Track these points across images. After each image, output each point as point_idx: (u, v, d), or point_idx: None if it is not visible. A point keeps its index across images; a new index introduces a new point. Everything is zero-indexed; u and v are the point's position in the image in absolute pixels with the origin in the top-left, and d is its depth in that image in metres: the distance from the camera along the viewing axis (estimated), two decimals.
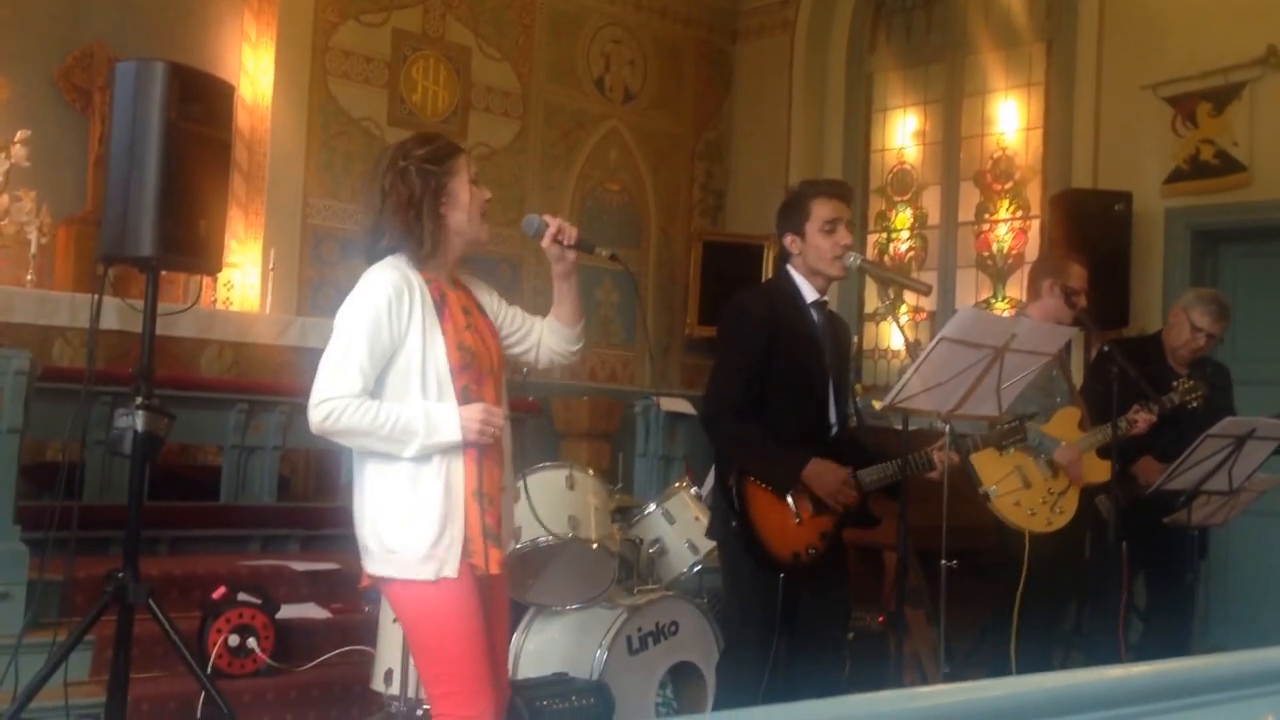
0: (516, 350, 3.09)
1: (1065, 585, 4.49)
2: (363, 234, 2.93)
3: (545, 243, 2.96)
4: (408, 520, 2.71)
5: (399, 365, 2.75)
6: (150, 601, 3.39)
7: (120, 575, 3.38)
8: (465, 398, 2.78)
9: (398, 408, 2.70)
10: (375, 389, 2.74)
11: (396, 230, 2.81)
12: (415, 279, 2.79)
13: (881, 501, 3.60)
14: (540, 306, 3.18)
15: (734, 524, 3.48)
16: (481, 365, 2.87)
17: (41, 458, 5.43)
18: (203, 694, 3.96)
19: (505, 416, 2.85)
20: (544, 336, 3.10)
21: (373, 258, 2.85)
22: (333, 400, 2.68)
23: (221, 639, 4.33)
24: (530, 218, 3.00)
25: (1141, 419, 4.41)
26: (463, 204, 2.87)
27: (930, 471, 3.49)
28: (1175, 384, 4.58)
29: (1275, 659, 1.15)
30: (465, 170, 2.89)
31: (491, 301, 3.04)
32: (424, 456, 2.71)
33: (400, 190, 2.81)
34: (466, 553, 2.74)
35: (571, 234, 2.98)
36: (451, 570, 2.71)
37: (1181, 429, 4.51)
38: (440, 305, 2.82)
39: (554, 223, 2.96)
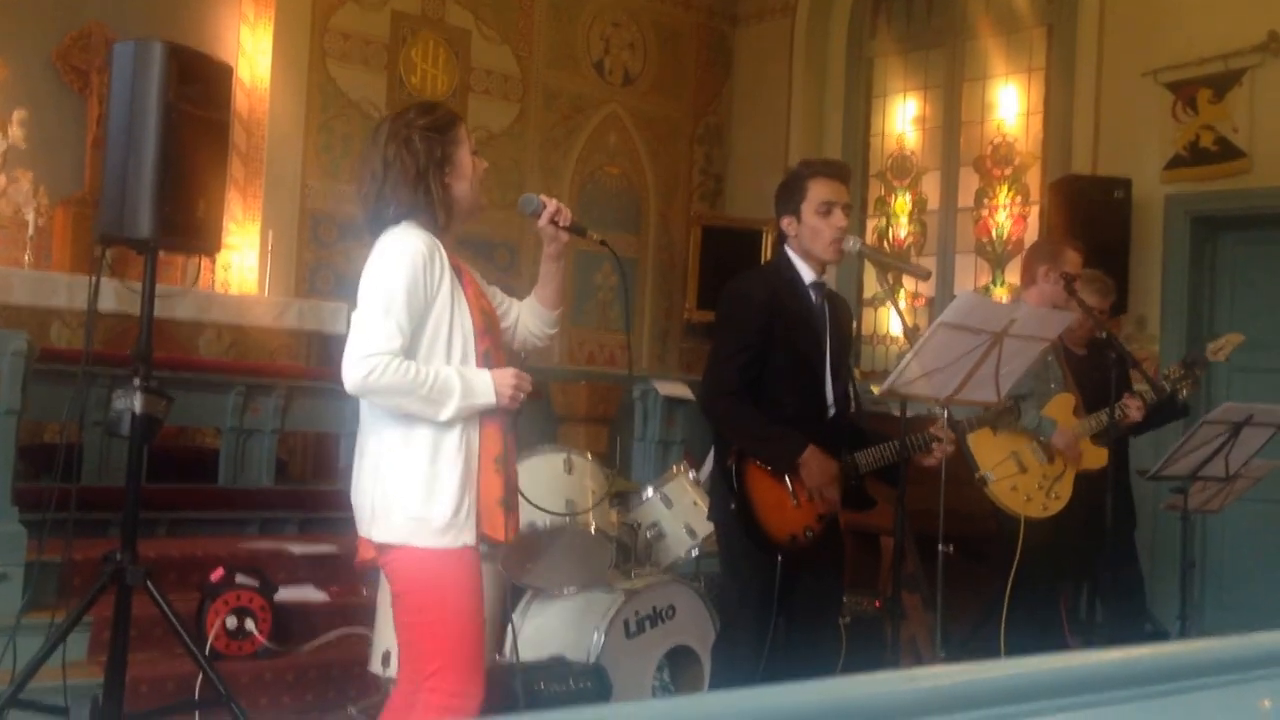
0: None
1: (1062, 571, 4.51)
2: (363, 204, 2.88)
3: (541, 222, 2.97)
4: (432, 488, 2.69)
5: (428, 327, 2.74)
6: (148, 583, 3.39)
7: (118, 556, 3.38)
8: (487, 361, 2.80)
9: (434, 368, 2.69)
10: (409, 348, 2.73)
11: (404, 201, 2.79)
12: (438, 244, 2.79)
13: (878, 485, 3.61)
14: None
15: (732, 506, 3.49)
16: (497, 331, 2.90)
17: (39, 439, 5.43)
18: (200, 675, 3.97)
19: None
20: (522, 316, 3.10)
21: (376, 229, 2.82)
22: (375, 356, 2.64)
23: (219, 621, 4.34)
24: (528, 196, 3.01)
25: (1134, 406, 4.43)
26: (466, 173, 2.87)
27: (926, 458, 3.48)
28: (1165, 372, 4.62)
29: (1272, 643, 1.15)
30: (466, 139, 2.90)
31: (477, 275, 3.05)
32: (449, 424, 2.70)
33: (405, 159, 2.79)
34: (482, 522, 2.75)
35: (567, 216, 3.00)
36: (470, 538, 2.72)
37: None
38: (458, 271, 2.83)
39: (551, 203, 2.97)
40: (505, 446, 2.81)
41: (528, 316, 3.10)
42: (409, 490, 2.70)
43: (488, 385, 2.72)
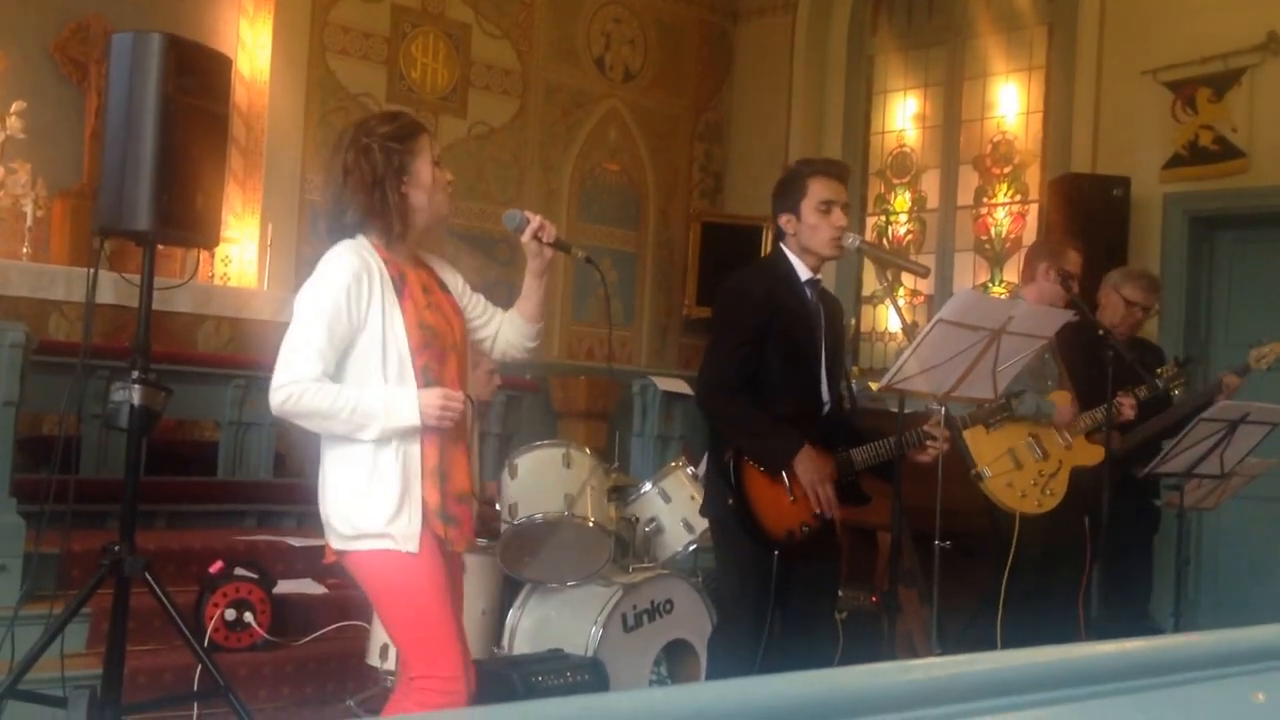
0: (475, 337, 3.10)
1: (1057, 567, 4.52)
2: (324, 211, 2.92)
3: (525, 238, 2.97)
4: (367, 497, 2.74)
5: (360, 348, 2.77)
6: (147, 574, 3.39)
7: (117, 548, 3.39)
8: (425, 377, 2.80)
9: (357, 392, 2.72)
10: (336, 371, 2.76)
11: (359, 209, 2.81)
12: (374, 261, 2.80)
13: (873, 481, 3.62)
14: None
15: (730, 501, 3.50)
16: (443, 342, 2.87)
17: (38, 431, 5.43)
18: (199, 667, 3.98)
19: (467, 395, 2.86)
20: (503, 328, 3.11)
21: (335, 235, 2.86)
22: (291, 385, 2.69)
23: (218, 613, 4.34)
24: (513, 213, 3.00)
25: (1127, 404, 4.45)
26: (424, 184, 2.87)
27: (921, 454, 3.50)
28: (1160, 370, 4.64)
29: (1266, 637, 1.16)
30: (428, 150, 2.89)
31: (456, 283, 3.05)
32: (383, 440, 2.74)
33: (363, 168, 2.81)
34: (424, 533, 2.77)
35: (551, 231, 2.99)
36: (412, 546, 2.74)
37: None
38: (400, 284, 2.83)
39: (535, 219, 2.97)
40: (444, 459, 2.82)
41: (508, 328, 3.10)
42: (348, 500, 2.76)
43: (412, 407, 2.72)
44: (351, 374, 2.77)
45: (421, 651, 2.79)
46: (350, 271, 2.74)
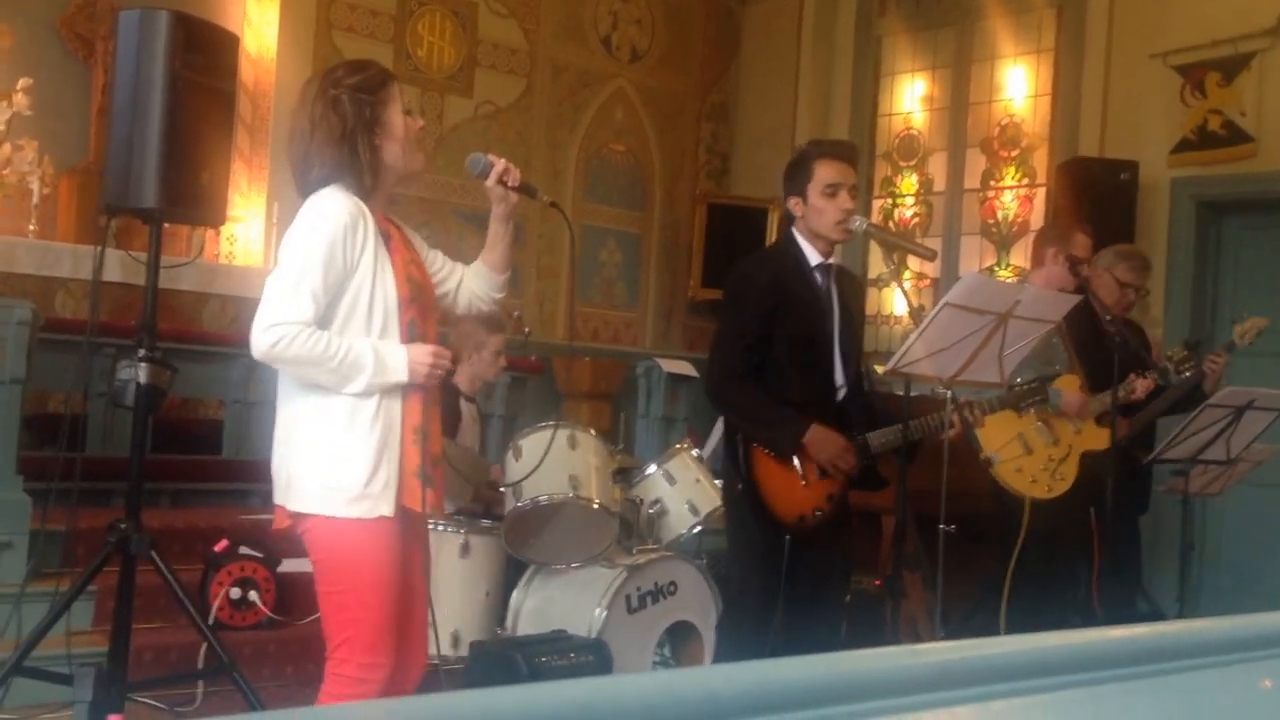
0: (437, 292, 2.99)
1: (1065, 554, 4.51)
2: (291, 165, 2.81)
3: (490, 182, 2.89)
4: (344, 457, 2.62)
5: (347, 296, 2.66)
6: (152, 552, 3.40)
7: (123, 526, 3.39)
8: (411, 332, 2.72)
9: (348, 341, 2.62)
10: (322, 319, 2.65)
11: (328, 162, 2.71)
12: (364, 209, 2.71)
13: (891, 464, 3.61)
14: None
15: (740, 487, 3.49)
16: (427, 298, 2.83)
17: (44, 409, 5.45)
18: (204, 645, 4.00)
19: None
20: (466, 280, 3.02)
21: (304, 190, 2.76)
22: (283, 325, 2.57)
23: (223, 591, 4.36)
24: (476, 156, 2.93)
25: (1140, 386, 4.44)
26: (397, 134, 2.78)
27: (942, 432, 3.50)
28: (1169, 354, 4.62)
29: (1274, 623, 1.16)
30: (399, 99, 2.81)
31: (416, 240, 2.97)
32: (367, 394, 2.64)
33: (332, 120, 2.71)
34: (400, 493, 2.67)
35: (516, 175, 2.92)
36: (388, 509, 2.64)
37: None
38: (387, 237, 2.75)
39: (500, 163, 2.90)
40: (425, 418, 2.72)
41: (472, 280, 3.01)
42: (322, 459, 2.63)
43: (401, 362, 2.64)
44: (335, 322, 2.65)
45: (348, 631, 2.66)
46: (348, 213, 2.65)
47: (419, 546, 2.87)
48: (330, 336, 2.61)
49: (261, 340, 2.60)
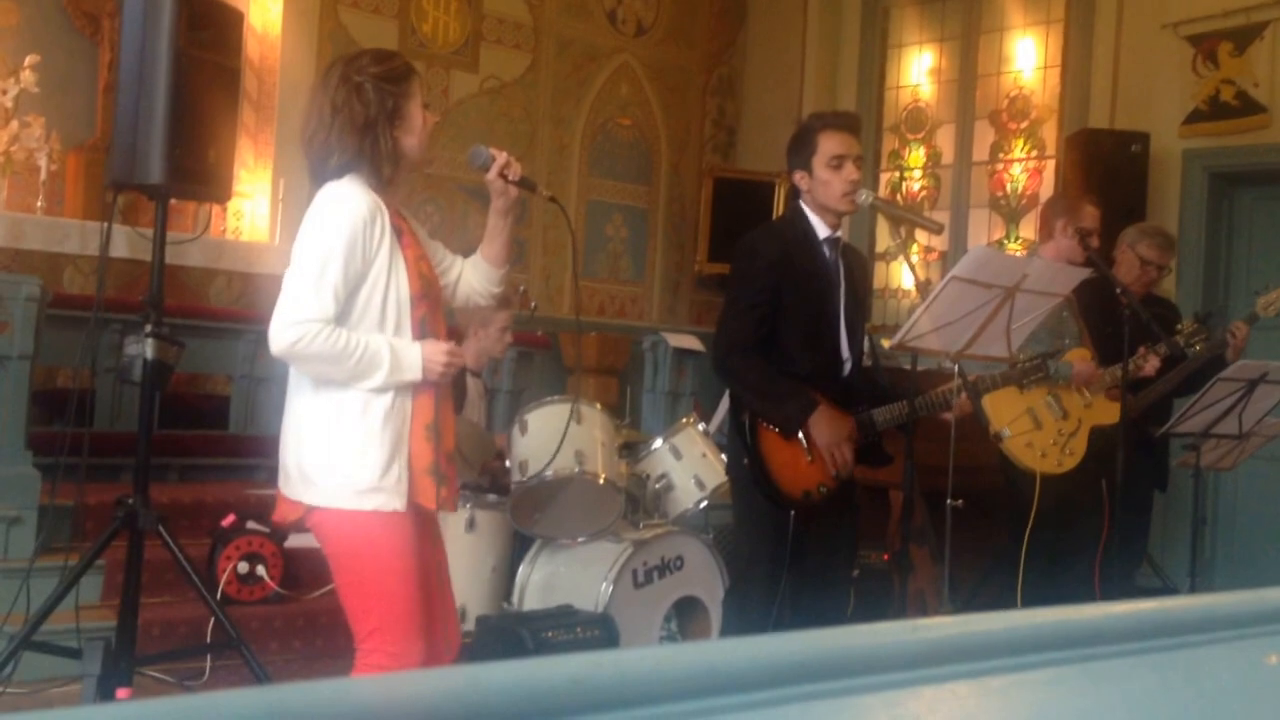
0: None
1: (1079, 528, 4.49)
2: (307, 149, 2.77)
3: (490, 175, 2.86)
4: (357, 450, 2.61)
5: (362, 291, 2.64)
6: (160, 527, 3.41)
7: (131, 501, 3.41)
8: (422, 328, 2.71)
9: (365, 338, 2.60)
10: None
11: (349, 150, 2.68)
12: (380, 203, 2.69)
13: (896, 439, 3.60)
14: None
15: (746, 461, 3.49)
16: (437, 293, 2.82)
17: (52, 384, 5.46)
18: (212, 619, 4.02)
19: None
20: (464, 273, 3.01)
21: (321, 177, 2.73)
22: (306, 323, 2.55)
23: (231, 566, 4.38)
24: (478, 149, 2.90)
25: (1150, 361, 4.42)
26: (416, 128, 2.76)
27: (944, 411, 3.49)
28: (1180, 327, 4.60)
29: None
30: (419, 93, 2.79)
31: (421, 233, 2.94)
32: (382, 391, 2.62)
33: (355, 107, 2.68)
34: (413, 490, 2.66)
35: (516, 170, 2.89)
36: (400, 504, 2.63)
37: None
38: (399, 232, 2.73)
39: (501, 156, 2.87)
40: (438, 414, 2.72)
41: (471, 273, 3.00)
42: (336, 453, 2.62)
43: (416, 360, 2.63)
44: (350, 319, 2.63)
45: (374, 621, 2.66)
46: (366, 207, 2.63)
47: (430, 544, 2.85)
48: (349, 334, 2.60)
49: (283, 337, 2.57)
